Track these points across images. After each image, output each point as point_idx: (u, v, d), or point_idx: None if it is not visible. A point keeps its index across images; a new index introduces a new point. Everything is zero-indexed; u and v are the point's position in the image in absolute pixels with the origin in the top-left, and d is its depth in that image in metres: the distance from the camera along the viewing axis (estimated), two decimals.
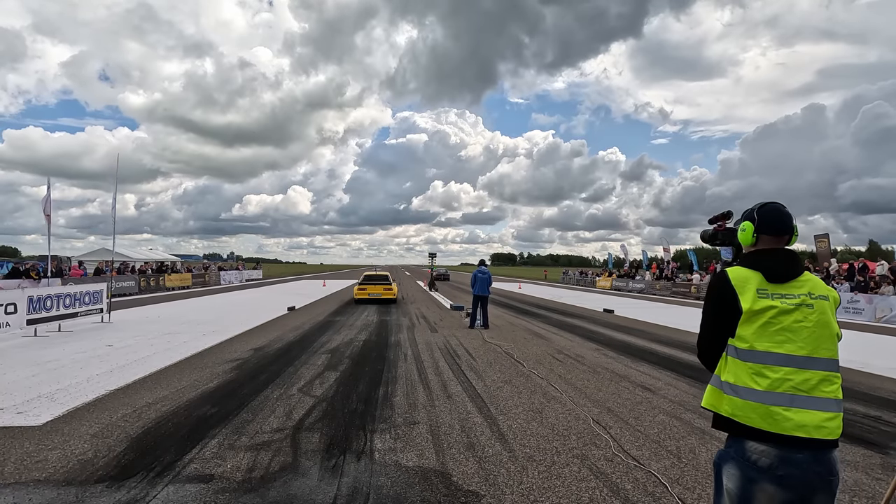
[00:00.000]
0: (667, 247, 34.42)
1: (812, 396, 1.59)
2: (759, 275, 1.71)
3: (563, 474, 3.45)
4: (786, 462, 1.57)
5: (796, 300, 1.65)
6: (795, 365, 1.61)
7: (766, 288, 1.69)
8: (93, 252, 31.60)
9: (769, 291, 1.68)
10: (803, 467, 1.56)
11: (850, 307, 16.34)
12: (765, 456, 1.59)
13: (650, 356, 8.20)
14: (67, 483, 3.18)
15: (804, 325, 1.64)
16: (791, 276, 1.69)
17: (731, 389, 1.68)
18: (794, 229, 1.76)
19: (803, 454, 1.56)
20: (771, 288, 1.69)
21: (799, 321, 1.64)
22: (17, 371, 6.30)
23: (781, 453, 1.57)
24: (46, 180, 13.29)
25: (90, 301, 10.93)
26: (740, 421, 1.65)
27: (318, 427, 4.35)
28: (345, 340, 9.30)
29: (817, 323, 1.63)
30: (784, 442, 1.57)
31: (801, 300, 1.65)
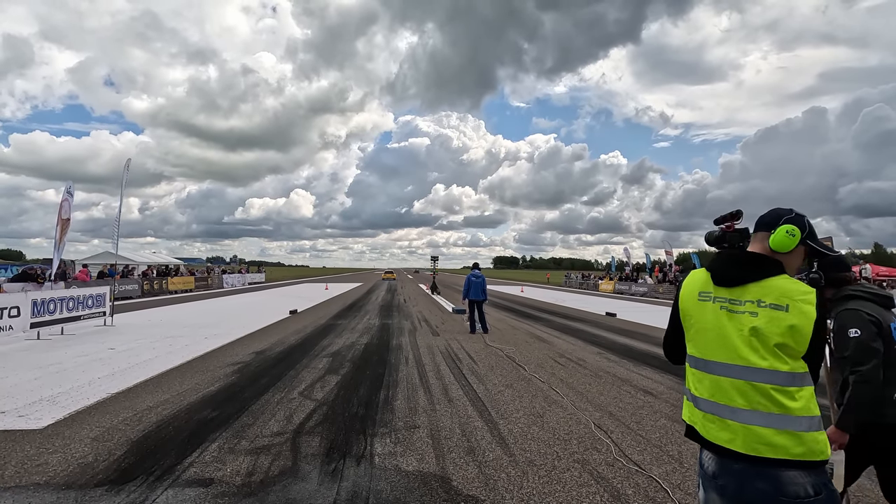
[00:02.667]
0: (669, 250, 34.36)
1: (729, 406, 1.52)
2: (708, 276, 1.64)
3: (564, 479, 3.43)
4: (724, 471, 1.52)
5: (740, 306, 1.54)
6: (709, 371, 1.57)
7: (709, 291, 1.62)
8: (96, 255, 31.75)
9: (712, 295, 1.60)
10: (741, 479, 1.49)
11: None
12: (710, 463, 1.58)
13: (652, 360, 8.17)
14: (68, 487, 3.19)
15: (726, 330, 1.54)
16: (737, 280, 1.56)
17: (688, 395, 1.67)
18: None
19: (739, 465, 1.49)
20: (715, 291, 1.60)
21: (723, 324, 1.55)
22: (20, 374, 6.32)
23: (720, 460, 1.54)
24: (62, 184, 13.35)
25: (93, 304, 10.97)
26: (693, 426, 1.64)
27: (318, 431, 4.34)
28: (346, 344, 9.30)
29: (750, 329, 1.49)
30: (718, 451, 1.54)
31: (745, 307, 1.52)
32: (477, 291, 11.10)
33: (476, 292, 11.09)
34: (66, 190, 14.01)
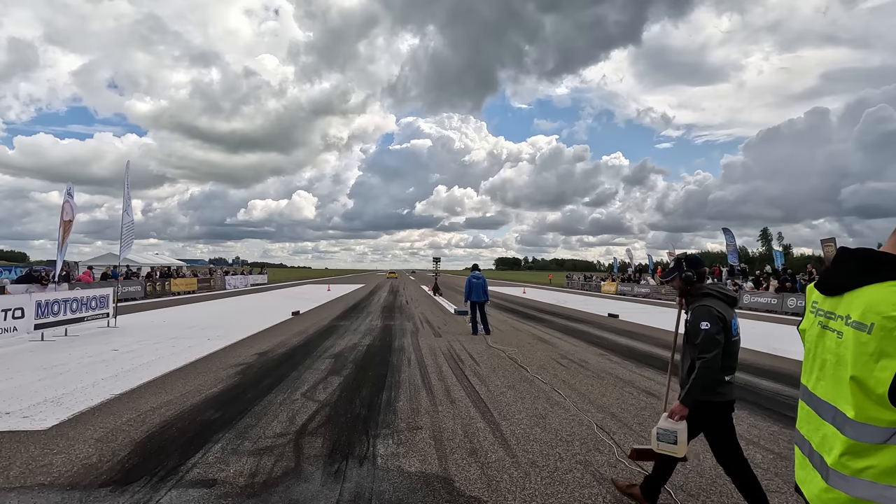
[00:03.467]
0: (672, 251, 34.28)
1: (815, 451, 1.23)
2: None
3: (566, 480, 3.43)
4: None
5: (833, 321, 1.20)
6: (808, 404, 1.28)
7: (816, 300, 1.32)
8: (100, 257, 31.87)
9: (817, 306, 1.30)
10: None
11: None
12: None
13: (655, 361, 8.15)
14: (72, 487, 3.20)
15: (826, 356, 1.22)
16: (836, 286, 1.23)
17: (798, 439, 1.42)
18: None
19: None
20: (820, 301, 1.29)
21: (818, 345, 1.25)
22: (24, 375, 6.35)
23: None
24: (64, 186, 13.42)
25: (97, 306, 11.01)
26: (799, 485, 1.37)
27: (321, 432, 4.35)
28: (349, 345, 9.31)
29: (838, 358, 1.16)
30: None
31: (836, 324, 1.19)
32: (478, 292, 11.07)
33: (478, 293, 11.06)
34: (66, 192, 14.09)
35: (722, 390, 2.68)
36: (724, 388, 2.68)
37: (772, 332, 12.99)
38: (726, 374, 2.67)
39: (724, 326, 2.63)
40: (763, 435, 4.46)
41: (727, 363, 2.65)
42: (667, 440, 2.71)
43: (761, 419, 4.96)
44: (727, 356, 2.64)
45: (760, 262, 47.66)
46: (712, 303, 2.70)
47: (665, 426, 2.73)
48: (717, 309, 2.66)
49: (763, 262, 39.03)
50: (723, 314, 2.66)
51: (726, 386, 2.69)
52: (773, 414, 5.16)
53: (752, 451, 4.03)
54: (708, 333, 2.59)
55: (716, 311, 2.65)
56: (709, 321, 2.61)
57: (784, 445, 4.20)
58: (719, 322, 2.62)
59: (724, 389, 2.69)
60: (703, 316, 2.64)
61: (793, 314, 18.32)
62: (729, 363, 2.66)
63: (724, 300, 2.74)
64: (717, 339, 2.58)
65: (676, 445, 2.69)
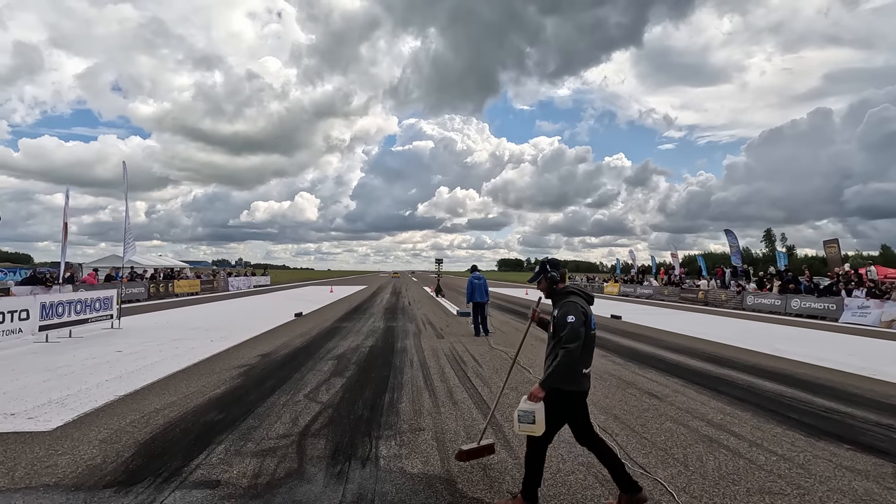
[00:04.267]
0: (675, 252, 34.21)
1: None
2: None
3: (569, 482, 3.43)
4: None
5: None
6: None
7: None
8: (103, 258, 32.01)
9: None
10: None
11: (858, 311, 16.17)
12: None
13: (658, 363, 8.14)
14: (76, 488, 3.22)
15: None
16: None
17: None
18: None
19: None
20: None
21: None
22: (29, 377, 6.38)
23: None
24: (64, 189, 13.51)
25: (101, 307, 11.06)
26: None
27: (323, 433, 4.36)
28: (351, 346, 9.32)
29: None
30: None
31: None
32: (481, 293, 11.08)
33: (480, 294, 11.07)
34: (65, 195, 14.20)
35: (581, 380, 2.94)
36: (583, 379, 2.95)
37: (775, 333, 12.95)
38: (584, 366, 2.94)
39: (586, 321, 2.91)
40: (766, 437, 4.45)
41: (585, 356, 2.93)
42: (526, 420, 2.91)
43: (764, 421, 4.95)
44: (586, 349, 2.91)
45: (764, 264, 47.48)
46: (577, 300, 2.98)
47: (524, 408, 2.93)
48: (581, 305, 2.95)
49: (767, 264, 38.89)
50: (586, 310, 2.95)
51: (584, 377, 2.95)
52: (776, 416, 5.15)
53: (755, 453, 4.02)
54: (573, 326, 2.84)
55: (580, 307, 2.93)
56: (574, 316, 2.87)
57: (787, 447, 4.19)
58: (583, 317, 2.89)
59: (583, 380, 2.95)
60: (570, 311, 2.90)
61: (796, 315, 18.25)
62: (586, 356, 2.95)
63: (584, 298, 3.05)
64: (580, 331, 2.85)
65: (535, 425, 2.90)
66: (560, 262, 3.21)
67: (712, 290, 24.85)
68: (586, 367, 2.95)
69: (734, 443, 4.27)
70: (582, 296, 3.05)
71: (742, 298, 21.72)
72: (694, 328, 13.50)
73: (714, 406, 5.47)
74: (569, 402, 2.94)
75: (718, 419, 4.97)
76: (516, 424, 2.94)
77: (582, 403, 2.99)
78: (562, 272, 3.14)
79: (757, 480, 3.50)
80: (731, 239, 27.53)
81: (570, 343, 2.83)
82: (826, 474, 3.64)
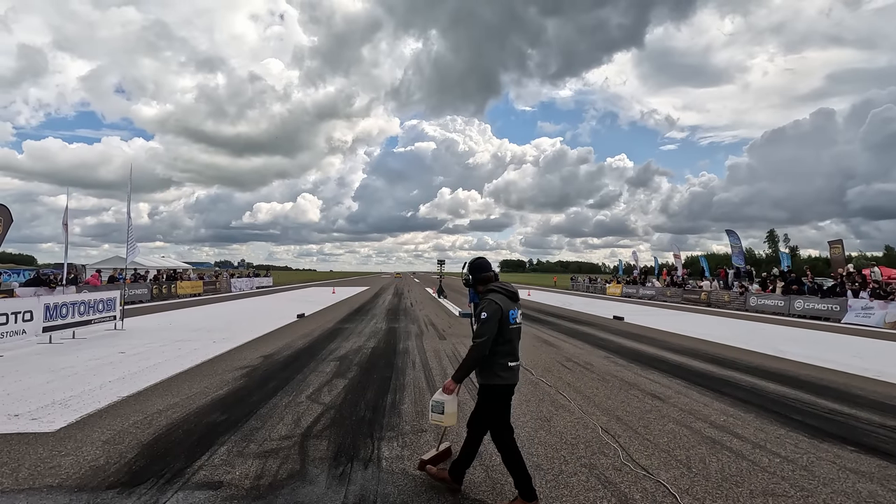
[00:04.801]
0: (677, 253, 34.13)
1: None
2: None
3: (571, 483, 3.43)
4: None
5: None
6: None
7: None
8: (107, 260, 32.11)
9: None
10: None
11: (862, 312, 16.11)
12: None
13: (660, 364, 8.12)
14: (80, 489, 3.23)
15: None
16: None
17: None
18: None
19: None
20: None
21: None
22: (33, 377, 6.41)
23: None
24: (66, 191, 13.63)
25: (104, 308, 11.09)
26: None
27: (325, 435, 4.36)
28: (353, 348, 9.33)
29: None
30: None
31: None
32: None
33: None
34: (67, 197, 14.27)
35: (503, 374, 3.05)
36: (507, 373, 3.06)
37: (778, 334, 12.90)
38: (509, 359, 3.06)
39: (502, 317, 3.01)
40: (769, 438, 4.43)
41: (508, 349, 3.06)
42: (437, 410, 3.09)
43: (767, 422, 4.93)
44: (506, 342, 3.04)
45: (767, 264, 47.33)
46: (495, 297, 3.09)
47: (436, 398, 3.11)
48: (497, 301, 3.05)
49: (770, 264, 38.77)
50: (501, 305, 3.04)
51: (508, 371, 3.06)
52: (780, 417, 5.13)
53: (758, 455, 4.01)
54: (483, 321, 2.99)
55: (496, 303, 3.03)
56: (487, 312, 3.00)
57: (790, 449, 4.17)
58: (498, 313, 3.00)
59: (505, 374, 3.06)
60: (485, 308, 3.03)
61: (799, 316, 18.18)
62: (510, 349, 3.07)
63: (506, 295, 3.15)
64: (491, 326, 2.98)
65: (444, 415, 3.08)
66: (484, 264, 3.34)
67: (715, 290, 24.78)
68: (511, 361, 3.07)
69: (737, 444, 4.26)
70: (503, 293, 3.15)
71: (745, 299, 21.65)
72: (697, 329, 13.46)
73: (717, 407, 5.45)
74: (501, 392, 3.11)
75: (721, 421, 4.95)
76: (429, 415, 3.12)
77: (506, 397, 3.15)
78: (485, 275, 3.27)
79: (760, 482, 3.49)
80: (732, 239, 27.45)
81: (478, 337, 2.98)
82: (830, 476, 3.62)
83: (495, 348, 3.02)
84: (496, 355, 3.03)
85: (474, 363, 3.01)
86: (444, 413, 3.07)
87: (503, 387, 3.09)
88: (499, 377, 3.05)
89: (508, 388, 3.11)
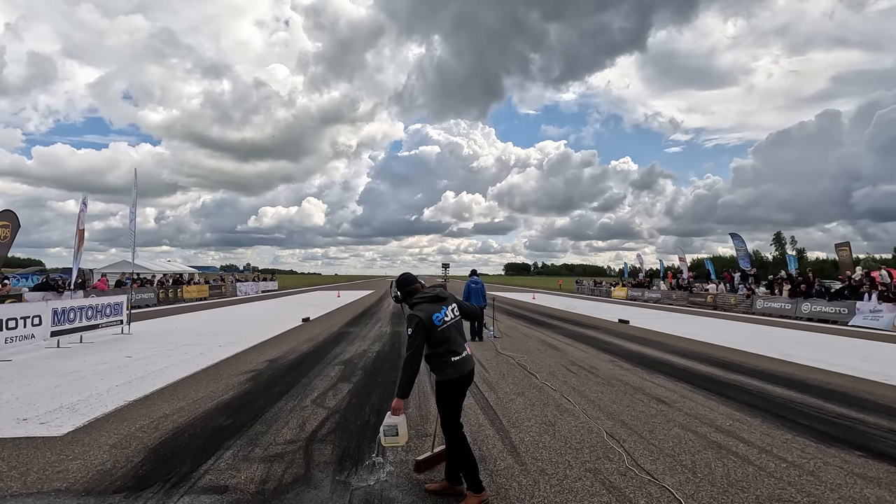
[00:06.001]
0: (683, 256, 33.98)
1: None
2: None
3: (576, 488, 3.42)
4: None
5: None
6: None
7: None
8: (114, 264, 32.36)
9: None
10: None
11: (870, 315, 15.97)
12: None
13: (666, 368, 8.08)
14: (87, 493, 3.26)
15: None
16: None
17: None
18: None
19: None
20: None
21: None
22: (41, 382, 6.47)
23: None
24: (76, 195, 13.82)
25: (111, 313, 11.18)
26: None
27: (330, 439, 4.38)
28: (358, 352, 9.35)
29: None
30: None
31: None
32: (478, 297, 11.05)
33: (477, 298, 11.04)
34: (81, 201, 14.38)
35: (450, 370, 3.18)
36: (451, 368, 3.18)
37: (784, 337, 12.81)
38: (451, 356, 3.19)
39: (426, 326, 3.11)
40: (776, 443, 4.41)
41: (447, 348, 3.18)
42: (391, 433, 3.13)
43: (774, 427, 4.90)
44: (441, 342, 3.16)
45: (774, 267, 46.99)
46: (416, 310, 3.19)
47: (388, 422, 3.15)
48: (418, 313, 3.14)
49: (777, 267, 38.49)
50: (421, 316, 3.12)
51: (453, 366, 3.19)
52: (786, 422, 5.10)
53: (764, 459, 3.98)
54: (410, 337, 3.10)
55: (416, 316, 3.13)
56: (411, 327, 3.12)
57: (797, 454, 4.15)
58: (420, 325, 3.10)
59: (451, 369, 3.19)
60: (408, 323, 3.15)
61: (807, 319, 18.04)
62: (448, 347, 3.19)
63: (428, 301, 3.25)
64: (413, 340, 3.09)
65: (398, 437, 3.13)
66: (409, 279, 3.46)
67: (721, 293, 24.64)
68: (454, 356, 3.20)
69: (743, 449, 4.23)
70: (425, 301, 3.26)
71: (751, 302, 21.51)
72: (702, 332, 13.39)
73: (723, 412, 5.43)
74: (455, 386, 3.23)
75: (727, 425, 4.93)
76: (382, 438, 3.16)
77: (456, 390, 3.25)
78: (411, 288, 3.39)
79: (766, 488, 3.47)
80: (737, 242, 27.30)
81: (406, 353, 3.11)
82: (837, 482, 3.60)
83: (436, 350, 3.17)
84: (439, 356, 3.19)
85: (410, 378, 3.09)
86: (399, 434, 3.16)
87: (454, 380, 3.21)
88: (447, 373, 3.20)
89: (456, 381, 3.23)
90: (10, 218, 12.45)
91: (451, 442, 3.24)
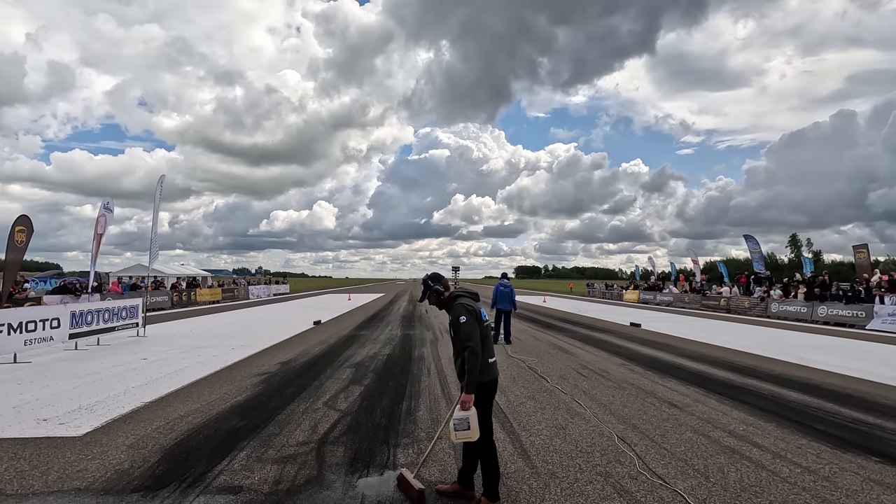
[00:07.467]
0: (695, 258, 33.61)
1: None
2: None
3: (586, 492, 3.42)
4: None
5: None
6: None
7: None
8: (129, 268, 32.93)
9: None
10: None
11: (889, 319, 15.66)
12: None
13: (678, 371, 8.02)
14: (105, 492, 3.33)
15: None
16: None
17: None
18: None
19: None
20: None
21: None
22: (60, 383, 6.61)
23: None
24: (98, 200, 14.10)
25: (127, 316, 11.38)
26: None
27: (342, 441, 4.42)
28: (369, 354, 9.40)
29: None
30: None
31: None
32: (504, 301, 11.04)
33: (504, 302, 11.04)
34: (103, 206, 14.64)
35: (488, 370, 3.17)
36: (489, 368, 3.19)
37: (800, 341, 12.62)
38: (489, 356, 3.19)
39: (477, 317, 3.16)
40: (790, 448, 4.35)
41: (486, 346, 3.17)
42: (462, 427, 3.09)
43: (788, 432, 4.84)
44: (483, 339, 3.14)
45: (789, 270, 46.26)
46: (464, 300, 3.22)
47: (459, 416, 3.11)
48: (468, 304, 3.18)
49: (792, 270, 37.90)
50: (473, 307, 3.18)
51: (489, 366, 3.19)
52: (801, 427, 5.03)
53: (778, 465, 3.94)
54: (465, 325, 3.07)
55: (468, 306, 3.16)
56: (465, 315, 3.10)
57: (812, 459, 4.09)
58: (473, 314, 3.12)
59: (489, 369, 3.19)
60: (460, 312, 3.13)
61: (823, 323, 17.74)
62: (487, 346, 3.19)
63: (470, 297, 3.32)
64: (474, 328, 3.09)
65: (470, 431, 3.09)
66: (440, 276, 3.47)
67: (735, 297, 24.32)
68: (490, 357, 3.21)
69: (757, 454, 4.19)
70: (468, 296, 3.32)
71: (766, 306, 21.21)
72: (715, 336, 13.24)
73: (736, 416, 5.37)
74: (488, 390, 3.21)
75: (741, 430, 4.88)
76: (452, 434, 3.11)
77: (489, 393, 3.23)
78: (444, 283, 3.40)
79: (780, 493, 3.43)
80: (751, 244, 26.94)
81: (468, 341, 3.05)
82: (853, 488, 3.55)
83: None
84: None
85: (477, 369, 3.07)
86: (470, 429, 3.10)
87: (488, 383, 3.20)
88: (484, 374, 3.15)
89: (494, 382, 3.24)
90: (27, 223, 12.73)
91: (483, 446, 3.21)
